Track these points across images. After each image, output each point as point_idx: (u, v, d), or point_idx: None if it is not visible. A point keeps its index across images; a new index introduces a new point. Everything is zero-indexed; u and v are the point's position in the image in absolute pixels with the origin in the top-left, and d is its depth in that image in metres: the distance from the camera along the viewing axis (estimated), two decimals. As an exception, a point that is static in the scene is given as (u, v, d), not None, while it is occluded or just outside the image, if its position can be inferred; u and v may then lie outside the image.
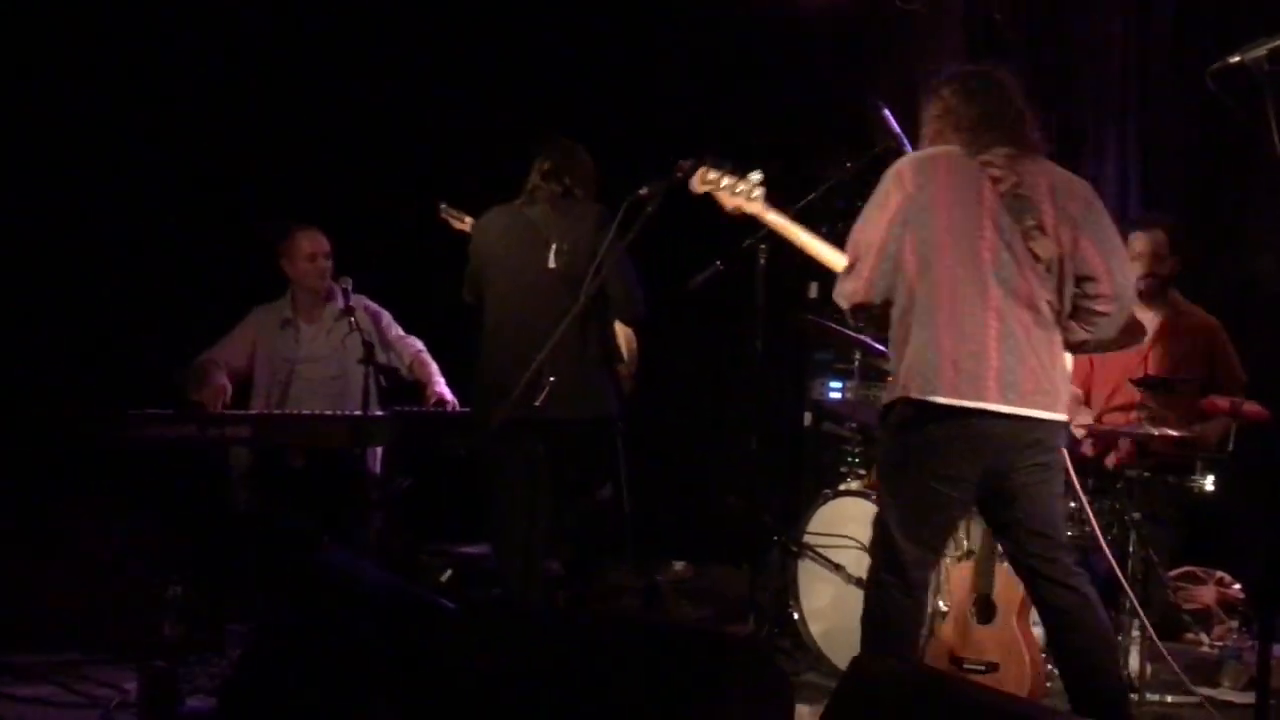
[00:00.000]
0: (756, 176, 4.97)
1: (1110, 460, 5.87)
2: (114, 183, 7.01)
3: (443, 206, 6.39)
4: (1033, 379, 4.36)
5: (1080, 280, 4.45)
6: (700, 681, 3.66)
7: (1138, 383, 5.59)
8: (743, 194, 4.99)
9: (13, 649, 5.64)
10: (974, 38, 7.31)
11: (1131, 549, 5.38)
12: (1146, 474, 5.48)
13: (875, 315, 4.57)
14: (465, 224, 6.15)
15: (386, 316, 6.65)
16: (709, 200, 4.94)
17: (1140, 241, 6.20)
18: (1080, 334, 4.52)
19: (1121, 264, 4.53)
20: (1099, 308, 4.47)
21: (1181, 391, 5.88)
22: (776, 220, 4.99)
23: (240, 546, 6.02)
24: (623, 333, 6.02)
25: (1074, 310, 4.49)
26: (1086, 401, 6.35)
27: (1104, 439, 6.01)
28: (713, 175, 4.98)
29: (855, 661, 3.74)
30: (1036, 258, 4.40)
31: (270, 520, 6.12)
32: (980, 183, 4.40)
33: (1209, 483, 5.63)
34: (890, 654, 4.34)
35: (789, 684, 3.95)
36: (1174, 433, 5.56)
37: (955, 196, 4.40)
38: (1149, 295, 6.19)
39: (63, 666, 5.48)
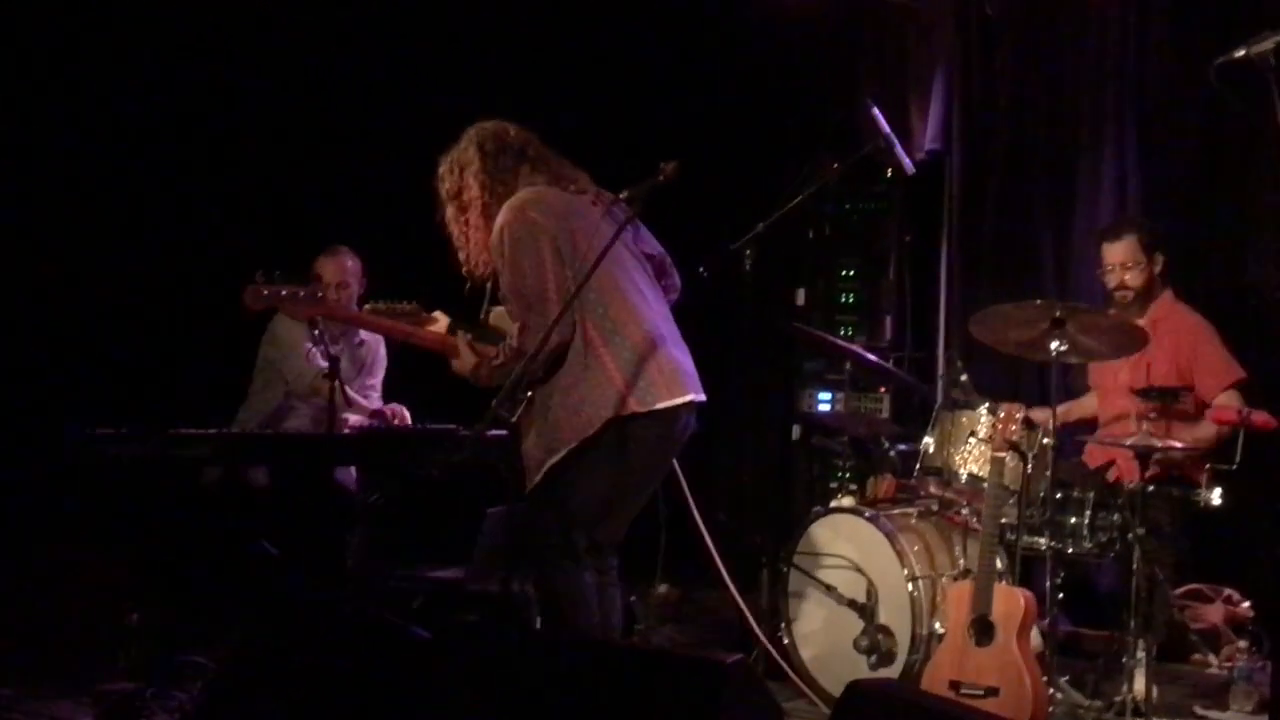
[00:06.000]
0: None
1: (1112, 473, 5.87)
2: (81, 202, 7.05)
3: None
4: (692, 368, 4.94)
5: (655, 264, 5.11)
6: (689, 711, 3.67)
7: (1140, 393, 5.60)
8: (306, 300, 5.23)
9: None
10: (966, 34, 7.33)
11: (1135, 565, 5.34)
12: (1150, 487, 5.46)
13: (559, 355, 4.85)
14: None
15: (384, 358, 6.74)
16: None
17: (1110, 253, 6.16)
18: None
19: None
20: (675, 281, 5.19)
21: (1186, 401, 5.88)
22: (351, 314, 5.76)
23: (204, 571, 6.00)
24: None
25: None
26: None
27: (1104, 452, 6.01)
28: (267, 291, 5.14)
29: (851, 687, 3.78)
30: (649, 257, 5.07)
31: (237, 543, 6.04)
32: (587, 208, 4.93)
33: (1215, 495, 5.59)
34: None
35: (781, 712, 3.97)
36: (1179, 445, 5.57)
37: (581, 225, 4.85)
38: (1128, 305, 6.14)
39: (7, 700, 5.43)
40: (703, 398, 4.92)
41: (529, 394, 4.92)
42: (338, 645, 4.50)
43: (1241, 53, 3.83)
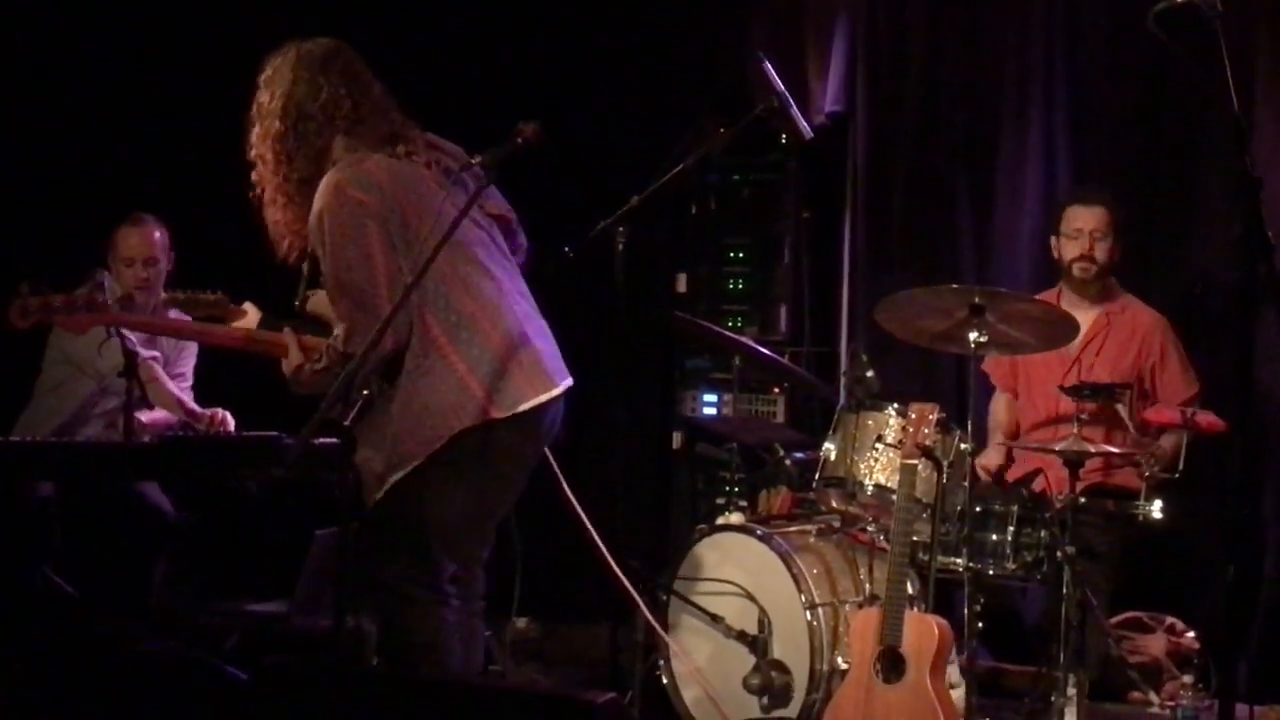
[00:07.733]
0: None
1: (1038, 485, 5.89)
2: None
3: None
4: (556, 351, 4.90)
5: (505, 227, 5.05)
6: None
7: (1070, 390, 5.63)
8: (84, 309, 5.08)
9: None
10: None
11: (1065, 590, 5.39)
12: (1082, 500, 5.51)
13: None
14: None
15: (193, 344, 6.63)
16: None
17: (1080, 216, 6.30)
18: None
19: None
20: (521, 240, 5.14)
21: (1123, 400, 5.93)
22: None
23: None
24: None
25: None
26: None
27: (1030, 459, 6.03)
28: (35, 304, 5.01)
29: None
30: (496, 218, 5.01)
31: (18, 574, 5.98)
32: (420, 176, 4.81)
33: (1156, 509, 5.64)
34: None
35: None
36: (1115, 450, 5.61)
37: (414, 199, 4.74)
38: (1083, 284, 6.28)
39: None
40: (570, 382, 4.87)
41: (364, 393, 4.84)
42: (140, 691, 4.44)
43: (1184, -3, 3.86)
